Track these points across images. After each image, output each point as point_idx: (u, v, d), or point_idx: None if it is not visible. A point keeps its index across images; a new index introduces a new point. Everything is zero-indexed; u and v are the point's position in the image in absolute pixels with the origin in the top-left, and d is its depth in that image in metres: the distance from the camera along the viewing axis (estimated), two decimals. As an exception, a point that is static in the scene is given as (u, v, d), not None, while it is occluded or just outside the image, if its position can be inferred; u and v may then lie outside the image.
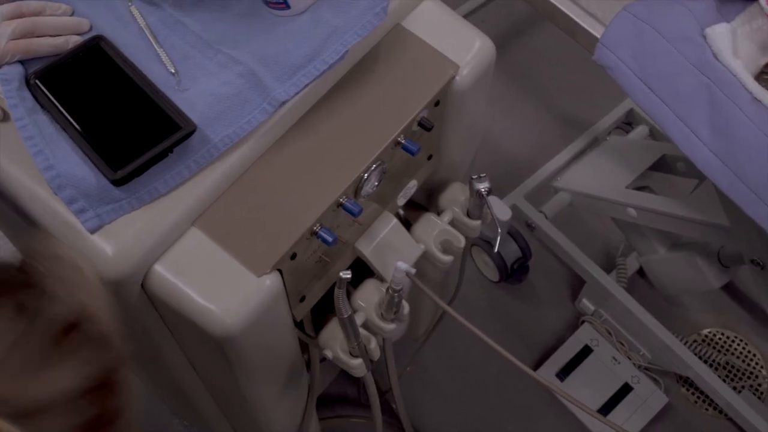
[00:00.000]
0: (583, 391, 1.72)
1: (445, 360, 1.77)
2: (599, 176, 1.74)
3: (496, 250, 1.14)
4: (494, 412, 1.72)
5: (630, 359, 1.75)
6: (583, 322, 1.79)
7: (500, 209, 1.68)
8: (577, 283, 1.83)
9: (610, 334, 1.77)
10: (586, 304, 1.78)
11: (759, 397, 1.78)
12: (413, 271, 0.93)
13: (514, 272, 1.80)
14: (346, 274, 0.88)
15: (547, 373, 1.73)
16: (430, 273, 1.37)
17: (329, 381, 1.62)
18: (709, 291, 1.65)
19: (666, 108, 1.10)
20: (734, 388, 1.78)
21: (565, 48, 1.68)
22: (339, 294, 0.91)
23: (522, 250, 1.79)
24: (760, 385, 1.80)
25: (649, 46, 1.09)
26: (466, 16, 2.00)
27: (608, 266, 1.86)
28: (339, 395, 1.71)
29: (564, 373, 1.73)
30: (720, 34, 1.09)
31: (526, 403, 1.73)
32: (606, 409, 1.70)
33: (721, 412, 1.75)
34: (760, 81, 1.09)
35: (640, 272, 1.86)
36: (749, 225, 1.14)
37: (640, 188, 1.76)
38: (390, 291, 0.97)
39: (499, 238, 1.09)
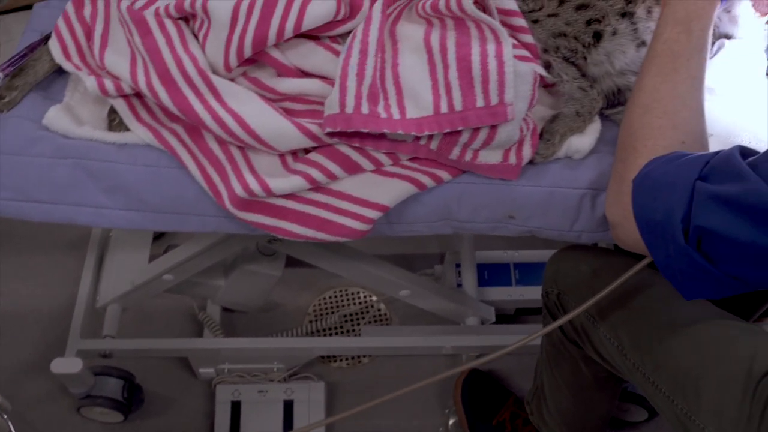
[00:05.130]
0: (262, 437, 1.74)
1: None
2: (124, 271, 1.74)
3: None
4: None
5: (273, 380, 1.80)
6: (215, 386, 1.80)
7: (67, 365, 1.64)
8: (186, 360, 1.83)
9: (242, 376, 1.79)
10: (206, 371, 1.79)
11: (385, 320, 1.92)
12: None
13: (131, 400, 1.76)
14: None
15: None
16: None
17: None
18: (282, 279, 1.73)
19: (63, 206, 1.12)
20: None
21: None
22: None
23: (121, 377, 1.74)
24: (379, 310, 1.94)
25: (13, 169, 1.10)
26: None
27: (201, 328, 1.88)
28: None
29: (236, 437, 1.74)
30: (55, 116, 1.13)
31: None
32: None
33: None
34: (114, 129, 1.14)
35: (227, 310, 1.90)
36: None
37: (166, 251, 1.79)
38: None
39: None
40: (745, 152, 0.85)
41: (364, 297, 1.96)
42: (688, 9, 0.98)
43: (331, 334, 1.89)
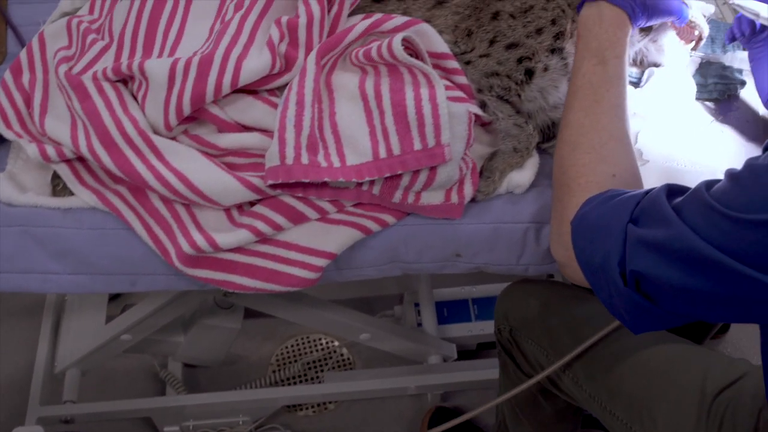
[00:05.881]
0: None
1: None
2: (81, 334, 1.72)
3: None
4: None
5: (240, 434, 1.79)
6: (180, 445, 1.78)
7: (29, 433, 1.62)
8: (151, 420, 1.81)
9: (207, 432, 1.78)
10: (171, 429, 1.77)
11: (348, 365, 1.92)
12: None
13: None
14: None
15: None
16: None
17: None
18: (242, 331, 1.72)
19: (12, 274, 1.12)
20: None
21: None
22: None
23: (85, 442, 1.72)
24: (341, 355, 1.94)
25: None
26: None
27: (163, 385, 1.86)
28: None
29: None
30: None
31: None
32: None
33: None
34: (58, 194, 1.14)
35: (189, 365, 1.89)
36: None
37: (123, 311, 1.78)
38: None
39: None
40: (673, 190, 0.85)
41: (326, 343, 1.96)
42: (600, 39, 1.01)
43: (295, 383, 1.89)
